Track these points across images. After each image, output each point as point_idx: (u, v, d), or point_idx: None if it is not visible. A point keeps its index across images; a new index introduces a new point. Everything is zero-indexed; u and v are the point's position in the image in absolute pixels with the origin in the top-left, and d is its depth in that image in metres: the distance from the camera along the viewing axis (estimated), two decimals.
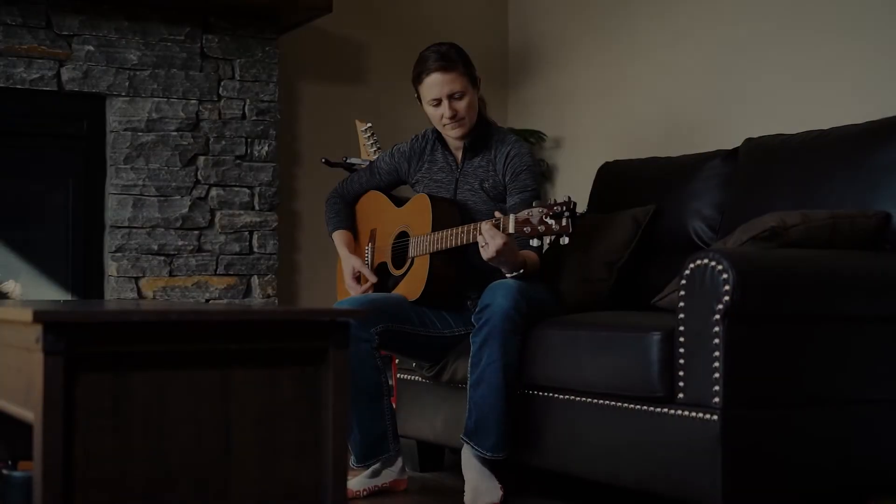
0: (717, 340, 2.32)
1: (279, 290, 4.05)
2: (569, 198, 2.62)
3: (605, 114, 4.23)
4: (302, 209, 4.26)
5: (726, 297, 2.30)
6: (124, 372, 1.55)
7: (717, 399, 2.31)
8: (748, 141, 3.23)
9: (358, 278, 3.18)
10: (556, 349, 2.69)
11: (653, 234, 3.31)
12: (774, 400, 2.39)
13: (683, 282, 2.41)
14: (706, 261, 2.36)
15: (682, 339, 2.40)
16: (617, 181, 3.59)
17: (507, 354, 2.74)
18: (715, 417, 2.30)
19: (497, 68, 4.66)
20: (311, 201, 4.20)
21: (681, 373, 2.39)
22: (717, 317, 2.32)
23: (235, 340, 1.64)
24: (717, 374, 2.31)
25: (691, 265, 2.40)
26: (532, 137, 4.38)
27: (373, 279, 3.13)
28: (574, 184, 4.30)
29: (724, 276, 2.31)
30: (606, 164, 3.71)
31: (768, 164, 3.07)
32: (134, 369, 1.56)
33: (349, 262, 3.19)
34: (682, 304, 2.41)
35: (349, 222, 3.31)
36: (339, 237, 3.28)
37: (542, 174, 4.36)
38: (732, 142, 3.41)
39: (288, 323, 1.70)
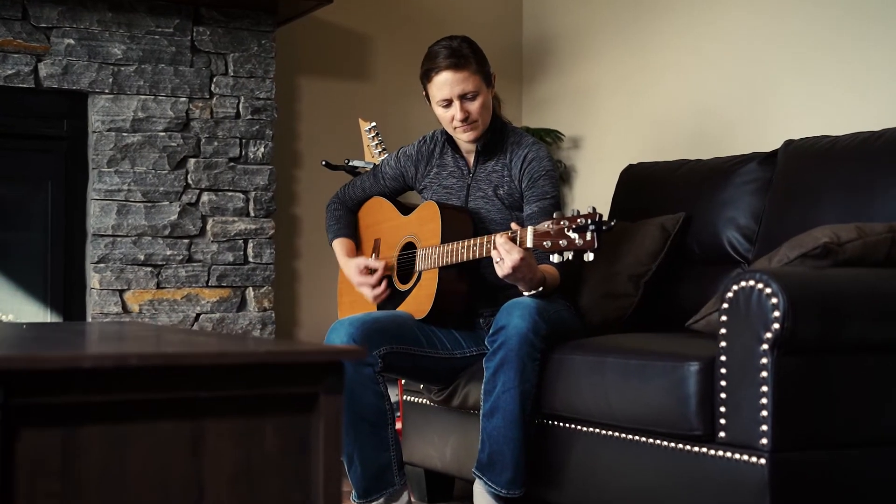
0: (764, 373, 2.18)
1: (277, 302, 3.99)
2: (594, 209, 2.49)
3: (627, 111, 4.16)
4: (302, 214, 4.21)
5: (776, 325, 2.16)
6: (76, 425, 1.40)
7: (764, 440, 2.17)
8: (788, 143, 3.11)
9: (366, 276, 3.08)
10: (580, 376, 2.59)
11: (683, 244, 3.20)
12: (830, 440, 2.24)
13: (726, 305, 2.26)
14: (752, 283, 2.21)
15: (723, 371, 2.26)
16: (642, 186, 3.49)
17: (525, 381, 2.62)
18: (762, 461, 2.17)
19: (511, 63, 4.60)
20: (312, 206, 4.15)
21: (722, 409, 2.26)
22: (765, 347, 2.18)
23: (208, 387, 1.48)
24: (764, 412, 2.18)
25: (735, 287, 2.25)
26: (549, 137, 4.34)
27: (379, 264, 3.03)
28: (594, 188, 4.26)
29: (774, 300, 2.16)
30: (630, 166, 3.62)
31: (811, 168, 2.95)
32: (87, 422, 1.41)
33: (352, 264, 3.08)
34: (723, 330, 2.26)
35: (351, 230, 3.23)
36: (340, 245, 3.20)
37: (560, 177, 4.30)
38: (770, 143, 3.33)
39: (271, 366, 1.54)
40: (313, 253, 4.16)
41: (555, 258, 2.51)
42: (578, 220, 2.45)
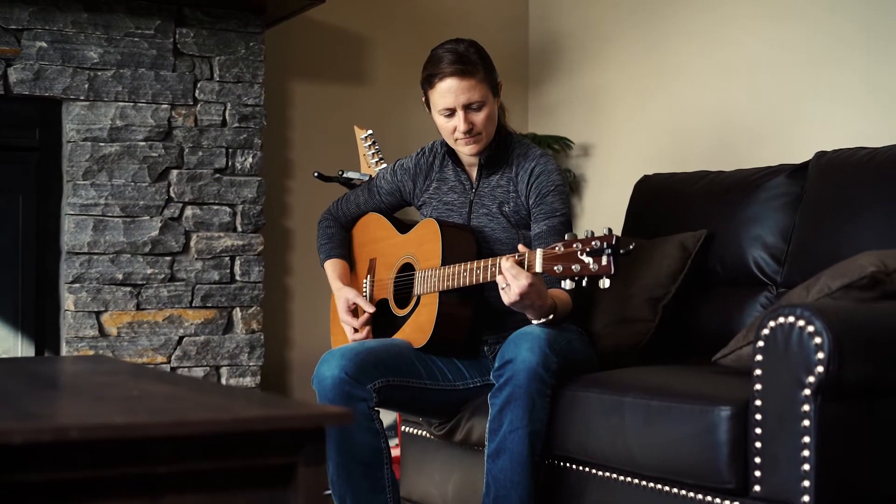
0: (806, 422, 2.04)
1: (266, 322, 3.88)
2: (609, 230, 2.31)
3: (641, 117, 4.07)
4: (294, 227, 4.11)
5: (819, 368, 2.01)
6: None
7: (806, 497, 2.03)
8: (820, 154, 2.98)
9: (354, 311, 2.98)
10: (595, 415, 2.46)
11: (704, 264, 3.08)
12: (879, 496, 2.10)
13: (761, 343, 2.10)
14: (792, 319, 2.05)
15: (758, 417, 2.12)
16: (659, 199, 3.36)
17: (534, 420, 2.49)
18: None
19: (516, 65, 4.55)
20: (304, 219, 4.06)
21: (757, 459, 2.13)
22: (807, 392, 2.03)
23: (166, 461, 1.33)
24: (806, 465, 2.03)
25: (771, 323, 2.09)
26: (557, 144, 4.26)
27: (370, 309, 2.92)
28: (606, 199, 4.18)
29: (817, 340, 2.00)
30: (646, 177, 3.51)
31: (847, 183, 2.81)
32: None
33: (342, 295, 2.98)
34: (758, 371, 2.10)
35: (344, 249, 3.11)
36: (332, 267, 3.07)
37: (570, 186, 4.21)
38: (799, 155, 3.23)
39: (239, 436, 1.37)
40: (306, 269, 4.07)
41: (567, 284, 2.34)
42: (593, 244, 2.28)
